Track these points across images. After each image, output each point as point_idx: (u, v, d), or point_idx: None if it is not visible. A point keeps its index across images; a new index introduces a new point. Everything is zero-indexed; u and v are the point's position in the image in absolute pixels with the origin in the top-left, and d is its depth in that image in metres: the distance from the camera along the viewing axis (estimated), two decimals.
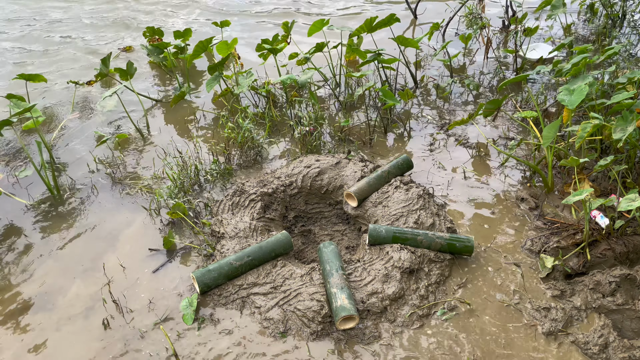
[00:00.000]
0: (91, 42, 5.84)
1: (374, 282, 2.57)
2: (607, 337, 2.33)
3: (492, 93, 4.42)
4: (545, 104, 4.05)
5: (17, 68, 5.22)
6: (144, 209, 3.25)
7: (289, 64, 4.88)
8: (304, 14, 6.38)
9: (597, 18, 5.55)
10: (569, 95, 3.03)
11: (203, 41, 4.42)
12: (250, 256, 2.68)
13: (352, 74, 4.06)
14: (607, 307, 2.48)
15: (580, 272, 2.67)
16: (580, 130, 2.81)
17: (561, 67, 3.50)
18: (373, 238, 2.75)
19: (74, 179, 3.59)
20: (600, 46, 4.82)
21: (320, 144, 3.74)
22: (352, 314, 2.35)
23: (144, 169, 3.67)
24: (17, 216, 3.27)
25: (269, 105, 4.19)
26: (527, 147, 3.65)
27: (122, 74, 4.17)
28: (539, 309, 2.49)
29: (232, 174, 3.53)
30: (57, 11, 6.77)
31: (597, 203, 2.54)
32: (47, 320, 2.58)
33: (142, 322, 2.54)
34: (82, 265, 2.90)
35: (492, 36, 5.30)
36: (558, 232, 2.87)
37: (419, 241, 2.72)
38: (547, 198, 3.17)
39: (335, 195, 3.26)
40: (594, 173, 3.15)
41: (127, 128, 4.16)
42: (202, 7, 6.73)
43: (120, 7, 6.88)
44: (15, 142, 4.02)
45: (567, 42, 4.12)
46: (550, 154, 3.10)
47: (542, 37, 5.22)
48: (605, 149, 3.29)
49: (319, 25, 4.27)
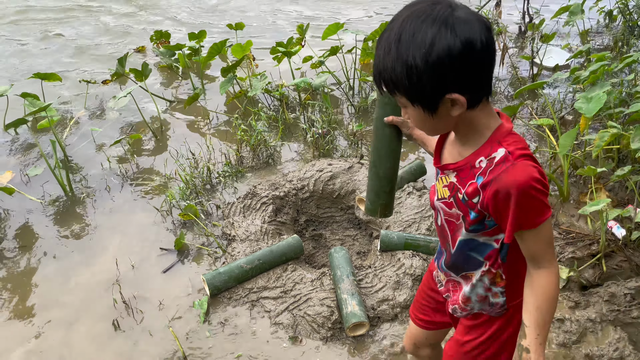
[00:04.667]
0: (103, 44, 5.89)
1: (385, 289, 2.55)
2: (623, 351, 2.29)
3: (508, 100, 4.38)
4: (561, 112, 4.01)
5: (34, 67, 5.27)
6: (155, 209, 3.26)
7: (303, 67, 4.88)
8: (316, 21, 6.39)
9: (616, 25, 5.49)
10: (586, 103, 2.98)
11: (217, 43, 4.43)
12: (260, 259, 2.67)
13: (367, 77, 4.04)
14: (622, 320, 2.43)
15: (596, 283, 2.62)
16: (598, 139, 2.77)
17: (579, 75, 3.46)
18: (385, 244, 2.73)
19: (86, 178, 3.61)
20: (619, 54, 4.75)
21: (332, 147, 3.73)
22: (363, 320, 2.33)
23: (157, 169, 3.68)
24: (30, 214, 3.29)
25: (282, 108, 4.19)
26: (542, 155, 3.60)
27: (137, 74, 4.19)
28: (553, 320, 2.45)
29: (244, 176, 3.53)
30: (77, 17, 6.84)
31: (614, 213, 2.50)
32: (56, 320, 2.59)
33: (152, 322, 2.54)
34: (92, 264, 2.91)
35: (509, 42, 5.26)
36: (573, 242, 2.83)
37: (432, 248, 2.70)
38: (563, 207, 3.12)
39: (347, 199, 3.25)
40: (610, 183, 3.10)
41: (140, 128, 4.18)
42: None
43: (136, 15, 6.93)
44: (26, 141, 4.05)
45: (584, 49, 4.07)
46: (566, 163, 3.06)
47: (559, 44, 5.17)
48: (623, 158, 3.24)
49: (333, 28, 4.27)
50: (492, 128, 1.22)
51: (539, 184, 1.14)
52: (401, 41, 1.08)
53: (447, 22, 1.06)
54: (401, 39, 1.08)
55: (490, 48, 1.11)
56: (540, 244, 1.22)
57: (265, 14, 6.64)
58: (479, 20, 1.09)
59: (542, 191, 1.15)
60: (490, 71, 1.15)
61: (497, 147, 1.19)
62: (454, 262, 1.42)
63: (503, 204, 1.16)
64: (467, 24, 1.07)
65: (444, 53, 1.06)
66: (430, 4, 1.09)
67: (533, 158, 1.17)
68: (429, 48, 1.06)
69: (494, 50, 1.13)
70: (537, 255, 1.24)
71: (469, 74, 1.11)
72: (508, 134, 1.20)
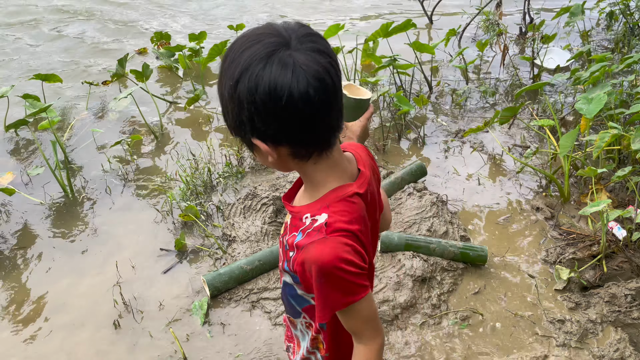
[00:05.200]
0: (104, 44, 5.89)
1: (386, 290, 2.55)
2: (623, 352, 2.29)
3: (509, 100, 4.38)
4: (562, 112, 4.00)
5: (36, 69, 5.27)
6: (155, 210, 3.26)
7: None
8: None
9: (617, 26, 5.49)
10: (587, 104, 2.98)
11: (218, 44, 4.43)
12: (261, 260, 2.66)
13: (367, 79, 4.04)
14: (623, 321, 2.43)
15: (597, 284, 2.62)
16: (598, 140, 2.77)
17: (579, 76, 3.46)
18: (385, 245, 2.72)
19: (87, 179, 3.61)
20: (620, 54, 4.75)
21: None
22: None
23: (157, 170, 3.68)
24: (30, 215, 3.29)
25: None
26: (542, 155, 3.60)
27: (137, 75, 4.19)
28: (554, 321, 2.44)
29: (244, 177, 3.53)
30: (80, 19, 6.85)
31: (615, 214, 2.50)
32: (56, 321, 2.59)
33: (152, 323, 2.54)
34: (92, 264, 2.91)
35: (509, 43, 5.26)
36: (574, 243, 2.83)
37: (432, 249, 2.69)
38: (563, 208, 3.12)
39: None
40: (611, 184, 3.10)
41: (140, 129, 4.18)
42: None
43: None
44: (27, 142, 4.05)
45: (585, 50, 4.07)
46: (567, 164, 3.06)
47: (559, 45, 5.17)
48: (624, 159, 3.24)
49: (334, 29, 4.27)
50: (328, 187, 1.10)
51: (348, 265, 1.03)
52: (226, 62, 0.99)
53: (268, 59, 0.94)
54: (227, 60, 0.99)
55: (314, 101, 0.95)
56: (356, 321, 1.12)
57: (267, 17, 6.65)
58: (311, 68, 0.94)
59: (350, 272, 1.04)
60: (316, 126, 1.00)
61: (323, 211, 1.07)
62: (282, 298, 1.34)
63: (309, 277, 1.07)
64: (286, 69, 0.93)
65: (245, 92, 0.95)
66: (273, 33, 0.97)
67: (353, 235, 1.06)
68: (235, 82, 0.96)
69: (323, 103, 0.97)
70: (356, 331, 1.14)
71: (277, 123, 0.97)
72: (341, 200, 1.08)
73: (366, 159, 1.23)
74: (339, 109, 1.04)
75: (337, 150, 1.11)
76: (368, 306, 1.11)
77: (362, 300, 1.08)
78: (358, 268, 1.06)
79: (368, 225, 1.14)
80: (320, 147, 1.06)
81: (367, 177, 1.16)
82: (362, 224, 1.10)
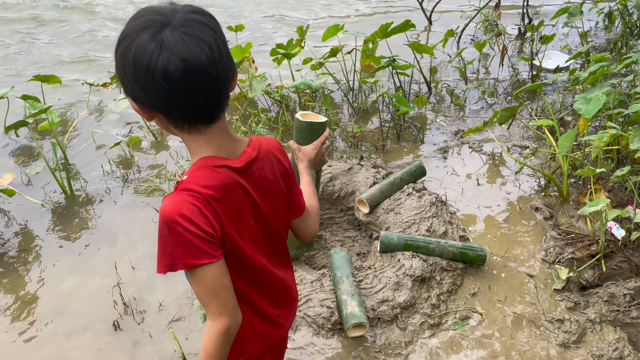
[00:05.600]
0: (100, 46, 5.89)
1: (385, 290, 2.55)
2: (622, 351, 2.29)
3: (507, 101, 4.38)
4: (561, 113, 4.01)
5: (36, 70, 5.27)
6: (155, 210, 3.26)
7: (303, 68, 4.89)
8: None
9: (615, 26, 5.50)
10: (585, 104, 2.99)
11: None
12: None
13: (366, 79, 4.05)
14: (621, 320, 2.43)
15: (596, 284, 2.63)
16: (597, 140, 2.78)
17: (578, 76, 3.46)
18: (384, 245, 2.73)
19: (86, 180, 3.61)
20: (618, 55, 4.76)
21: (332, 149, 3.73)
22: (363, 321, 2.33)
23: (157, 170, 3.69)
24: (30, 216, 3.29)
25: (282, 109, 4.20)
26: (541, 155, 3.61)
27: None
28: (552, 320, 2.45)
29: None
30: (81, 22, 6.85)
31: (614, 214, 2.50)
32: (55, 321, 2.59)
33: (152, 323, 2.54)
34: (92, 265, 2.91)
35: (508, 43, 5.27)
36: (573, 242, 2.83)
37: (431, 249, 2.70)
38: (562, 208, 3.13)
39: (347, 201, 3.25)
40: (610, 183, 3.10)
41: (140, 130, 4.19)
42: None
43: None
44: (26, 143, 4.05)
45: (584, 50, 4.08)
46: (565, 164, 3.07)
47: (558, 46, 5.18)
48: (622, 159, 3.24)
49: (333, 30, 4.27)
50: (200, 156, 1.18)
51: (187, 223, 1.08)
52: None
53: (143, 31, 1.05)
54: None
55: (172, 77, 1.04)
56: (201, 290, 1.14)
57: (267, 17, 6.66)
58: (177, 48, 1.04)
59: (190, 231, 1.08)
60: (179, 101, 1.09)
61: (186, 174, 1.16)
62: None
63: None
64: (152, 42, 1.03)
65: (119, 56, 1.09)
66: (160, 12, 1.08)
67: (203, 197, 1.12)
68: (117, 45, 1.09)
69: (185, 82, 1.05)
70: (202, 302, 1.16)
71: (143, 91, 1.08)
72: (206, 167, 1.16)
73: (267, 151, 1.31)
74: (209, 91, 1.11)
75: (219, 128, 1.18)
76: (214, 278, 1.13)
77: (205, 267, 1.11)
78: (200, 230, 1.09)
79: (237, 200, 1.20)
80: (190, 120, 1.14)
81: (251, 157, 1.23)
82: (222, 193, 1.15)
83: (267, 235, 1.34)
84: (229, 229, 1.18)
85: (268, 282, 1.36)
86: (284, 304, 1.46)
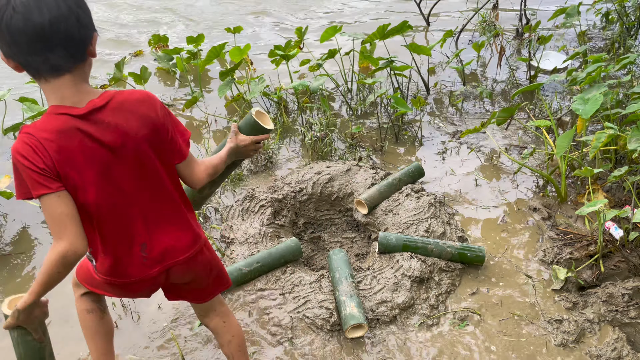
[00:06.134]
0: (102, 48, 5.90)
1: (384, 291, 2.55)
2: (621, 351, 2.29)
3: (506, 101, 4.39)
4: (559, 113, 4.02)
5: None
6: None
7: (301, 69, 4.89)
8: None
9: (613, 26, 5.51)
10: (583, 104, 3.00)
11: (216, 47, 4.44)
12: (259, 262, 2.67)
13: (364, 80, 4.05)
14: (620, 320, 2.44)
15: (594, 284, 2.63)
16: (595, 140, 2.78)
17: (575, 76, 3.47)
18: (383, 246, 2.73)
19: None
20: (615, 55, 4.77)
21: (331, 150, 3.73)
22: (361, 322, 2.33)
23: None
24: (28, 219, 3.29)
25: (280, 111, 4.20)
26: (539, 156, 3.61)
27: (136, 78, 4.20)
28: (551, 320, 2.45)
29: (242, 179, 3.54)
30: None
31: (612, 214, 2.51)
32: (54, 322, 2.59)
33: (150, 324, 2.54)
34: None
35: (506, 44, 5.28)
36: (571, 243, 2.84)
37: (430, 250, 2.70)
38: (560, 208, 3.13)
39: (345, 202, 3.25)
40: (608, 183, 3.11)
41: None
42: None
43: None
44: None
45: (581, 51, 4.08)
46: (563, 164, 3.07)
47: (555, 46, 5.19)
48: (620, 159, 3.25)
49: (331, 32, 4.28)
50: (49, 104, 1.38)
51: (23, 159, 1.31)
52: None
53: None
54: None
55: (13, 30, 1.25)
56: (45, 216, 1.37)
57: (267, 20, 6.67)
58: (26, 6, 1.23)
59: (25, 166, 1.31)
60: (22, 51, 1.29)
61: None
62: None
63: None
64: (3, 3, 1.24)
65: None
66: None
67: (36, 139, 1.32)
68: None
69: (26, 36, 1.25)
70: (49, 227, 1.40)
71: (1, 42, 1.29)
72: (48, 114, 1.37)
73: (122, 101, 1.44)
74: (51, 46, 1.29)
75: (69, 80, 1.36)
76: (53, 206, 1.35)
77: (45, 197, 1.34)
78: (34, 166, 1.32)
79: (74, 143, 1.37)
80: (38, 71, 1.33)
81: (95, 106, 1.38)
82: (56, 136, 1.35)
83: (131, 176, 1.48)
84: (64, 167, 1.36)
85: (126, 220, 1.52)
86: (156, 247, 1.59)
